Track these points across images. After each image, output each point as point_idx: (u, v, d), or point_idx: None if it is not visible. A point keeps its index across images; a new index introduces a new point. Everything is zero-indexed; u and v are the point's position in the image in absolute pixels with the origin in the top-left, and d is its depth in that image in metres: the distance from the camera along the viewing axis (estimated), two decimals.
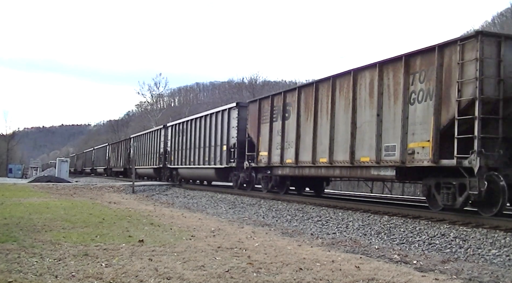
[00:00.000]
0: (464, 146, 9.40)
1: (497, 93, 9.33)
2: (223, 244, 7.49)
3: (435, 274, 5.96)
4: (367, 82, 12.29)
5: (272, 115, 17.04)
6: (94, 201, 16.37)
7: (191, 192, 22.49)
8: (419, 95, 10.54)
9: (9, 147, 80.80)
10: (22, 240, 7.27)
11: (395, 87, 11.30)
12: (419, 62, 10.70)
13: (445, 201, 10.13)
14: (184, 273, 5.40)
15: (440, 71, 10.06)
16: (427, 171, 10.73)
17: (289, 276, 5.43)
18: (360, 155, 12.31)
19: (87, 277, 5.09)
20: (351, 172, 13.14)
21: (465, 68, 9.54)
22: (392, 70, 11.45)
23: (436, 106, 10.05)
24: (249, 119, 18.87)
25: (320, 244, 8.28)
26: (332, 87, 13.62)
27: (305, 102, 15.07)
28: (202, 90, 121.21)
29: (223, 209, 15.31)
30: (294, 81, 76.03)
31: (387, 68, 11.64)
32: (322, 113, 14.11)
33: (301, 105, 15.23)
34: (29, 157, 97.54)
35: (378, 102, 11.71)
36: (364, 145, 12.18)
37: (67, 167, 41.85)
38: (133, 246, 7.06)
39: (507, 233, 8.31)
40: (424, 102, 10.39)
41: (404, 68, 10.98)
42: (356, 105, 12.57)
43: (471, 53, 9.43)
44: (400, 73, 11.10)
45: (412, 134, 10.63)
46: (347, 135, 12.79)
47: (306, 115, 14.97)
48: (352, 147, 12.55)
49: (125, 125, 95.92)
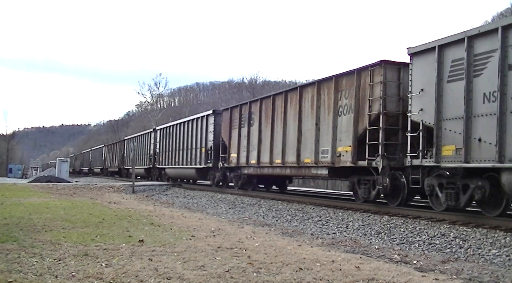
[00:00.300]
0: (374, 150, 11.90)
1: (398, 109, 11.79)
2: (223, 244, 7.49)
3: (435, 274, 5.96)
4: (309, 96, 14.87)
5: (240, 122, 19.78)
6: (94, 201, 16.37)
7: (191, 192, 22.49)
8: (344, 109, 13.11)
9: (9, 147, 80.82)
10: (22, 240, 7.27)
11: (328, 101, 13.84)
12: (345, 82, 13.23)
13: (364, 195, 12.81)
14: (184, 273, 5.40)
15: (358, 90, 12.60)
16: (351, 170, 13.24)
17: (289, 276, 5.43)
18: (304, 157, 14.91)
19: (87, 277, 5.09)
20: (298, 171, 15.84)
21: (373, 88, 12.05)
22: (327, 87, 14.00)
23: (355, 118, 12.61)
24: (223, 125, 21.69)
25: (320, 244, 8.28)
26: (285, 99, 16.28)
27: (265, 112, 17.79)
28: (202, 90, 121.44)
29: (223, 209, 15.31)
30: (294, 81, 76.09)
31: (323, 86, 14.20)
32: (278, 121, 16.79)
33: (262, 114, 17.97)
34: (29, 157, 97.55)
35: (317, 114, 14.27)
36: (307, 149, 14.72)
37: (67, 167, 41.85)
38: (133, 246, 7.06)
39: (507, 233, 8.31)
40: (347, 115, 12.94)
41: (334, 87, 13.50)
42: (301, 116, 15.15)
43: (378, 77, 11.91)
44: (332, 91, 13.61)
45: (339, 140, 13.18)
46: (295, 140, 15.37)
47: (266, 122, 17.70)
48: (298, 151, 15.14)
49: (125, 125, 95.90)
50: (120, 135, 70.27)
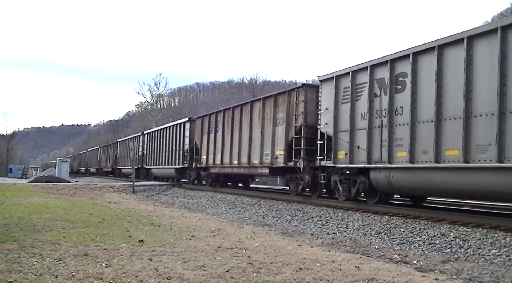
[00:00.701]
0: (298, 154, 15.21)
1: (316, 122, 14.75)
2: (223, 244, 7.49)
3: (435, 274, 5.96)
4: (258, 109, 18.39)
5: (209, 128, 23.31)
6: (94, 201, 16.37)
7: (191, 192, 22.50)
8: (280, 121, 16.60)
9: (9, 147, 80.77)
10: (22, 240, 7.27)
11: (270, 114, 17.38)
12: (281, 99, 16.77)
13: (294, 189, 16.32)
14: (184, 273, 5.40)
15: (288, 106, 16.05)
16: (285, 170, 16.54)
17: (289, 276, 5.43)
18: (253, 159, 18.42)
19: (87, 277, 5.09)
20: (249, 170, 19.33)
21: (298, 105, 15.53)
22: (269, 103, 17.54)
23: (286, 128, 16.12)
24: (196, 131, 25.28)
25: (320, 244, 8.28)
26: (241, 111, 19.86)
27: (227, 120, 21.24)
28: (202, 90, 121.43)
29: (223, 209, 15.31)
30: (294, 81, 76.02)
31: (266, 101, 17.86)
32: (236, 128, 20.18)
33: (225, 122, 21.47)
34: (29, 157, 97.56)
35: (262, 124, 17.90)
36: (255, 152, 18.22)
37: (67, 167, 41.79)
38: (133, 246, 7.06)
39: (507, 233, 8.31)
40: (282, 125, 16.42)
41: (274, 102, 17.18)
42: (252, 125, 18.74)
43: (301, 96, 15.37)
44: (272, 105, 17.25)
45: (276, 145, 16.77)
46: (247, 145, 18.85)
47: (227, 129, 21.07)
48: (249, 154, 18.69)
49: (125, 125, 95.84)
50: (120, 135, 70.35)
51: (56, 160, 45.09)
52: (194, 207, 16.11)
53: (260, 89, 56.64)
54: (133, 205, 15.12)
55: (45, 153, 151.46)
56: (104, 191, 22.80)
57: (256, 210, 14.70)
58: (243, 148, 19.15)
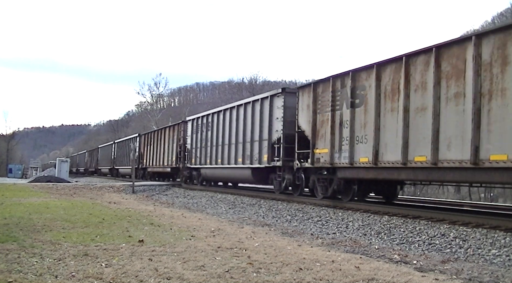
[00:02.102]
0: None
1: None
2: (223, 244, 7.49)
3: (435, 274, 5.96)
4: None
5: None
6: (94, 201, 16.37)
7: (191, 192, 22.50)
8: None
9: (9, 147, 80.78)
10: (22, 240, 7.27)
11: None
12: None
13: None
14: (184, 273, 5.40)
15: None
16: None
17: (289, 276, 5.43)
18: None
19: (87, 277, 5.09)
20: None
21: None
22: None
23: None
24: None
25: (320, 244, 8.28)
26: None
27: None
28: (202, 90, 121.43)
29: (223, 209, 15.31)
30: (294, 81, 76.13)
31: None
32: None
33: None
34: (29, 157, 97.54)
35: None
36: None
37: (67, 167, 41.82)
38: (133, 246, 7.06)
39: (507, 233, 8.31)
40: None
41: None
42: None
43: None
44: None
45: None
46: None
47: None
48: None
49: (125, 125, 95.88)
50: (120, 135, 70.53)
51: (56, 160, 45.11)
52: (194, 207, 16.12)
53: (260, 89, 56.61)
54: (133, 205, 15.12)
55: (45, 153, 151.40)
56: (104, 191, 22.80)
57: (256, 210, 14.70)
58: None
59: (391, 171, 11.27)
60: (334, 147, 13.19)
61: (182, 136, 27.16)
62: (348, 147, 12.58)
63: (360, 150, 12.18)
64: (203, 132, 23.38)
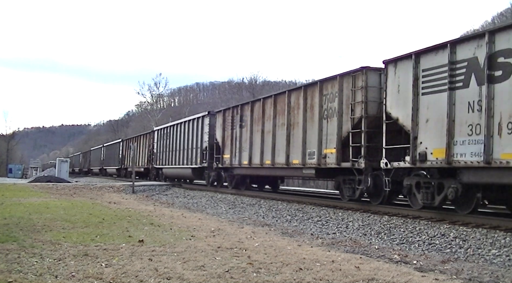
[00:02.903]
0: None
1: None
2: (223, 244, 7.49)
3: (435, 274, 5.96)
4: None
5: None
6: (94, 201, 16.37)
7: (191, 192, 22.51)
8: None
9: (9, 147, 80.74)
10: (22, 240, 7.27)
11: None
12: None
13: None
14: (184, 273, 5.40)
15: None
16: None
17: (289, 276, 5.43)
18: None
19: (87, 277, 5.09)
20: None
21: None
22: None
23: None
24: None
25: (320, 244, 8.28)
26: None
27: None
28: (202, 90, 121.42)
29: (223, 209, 15.31)
30: (294, 81, 76.18)
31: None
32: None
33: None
34: (29, 157, 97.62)
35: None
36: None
37: (67, 167, 41.76)
38: (133, 246, 7.06)
39: (507, 233, 8.31)
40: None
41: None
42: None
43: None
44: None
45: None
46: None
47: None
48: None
49: (125, 125, 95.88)
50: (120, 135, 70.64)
51: (56, 160, 45.09)
52: (194, 207, 16.12)
53: (260, 89, 56.69)
54: (133, 205, 15.12)
55: (45, 153, 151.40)
56: (104, 191, 22.80)
57: (256, 210, 14.70)
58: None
59: (256, 169, 18.49)
60: (232, 153, 20.00)
61: (151, 143, 33.51)
62: (238, 153, 19.40)
63: (243, 156, 19.08)
64: (164, 140, 29.35)
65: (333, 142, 13.36)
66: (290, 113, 15.66)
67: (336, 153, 13.14)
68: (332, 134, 13.43)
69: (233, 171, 20.58)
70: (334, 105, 13.44)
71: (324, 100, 13.94)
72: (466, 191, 9.73)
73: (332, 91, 13.62)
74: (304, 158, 14.70)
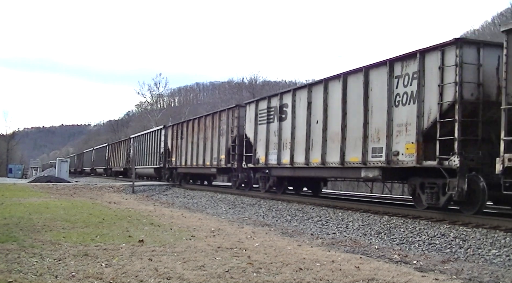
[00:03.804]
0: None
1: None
2: (223, 244, 7.49)
3: (435, 274, 5.96)
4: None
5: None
6: (94, 201, 16.37)
7: (191, 192, 22.50)
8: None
9: (9, 147, 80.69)
10: (22, 240, 7.27)
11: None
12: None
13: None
14: (184, 273, 5.40)
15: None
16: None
17: (289, 276, 5.43)
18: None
19: (87, 277, 5.09)
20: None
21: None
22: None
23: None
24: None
25: (320, 244, 8.28)
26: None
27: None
28: (202, 90, 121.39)
29: (223, 209, 15.31)
30: (294, 81, 76.22)
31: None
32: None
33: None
34: (29, 157, 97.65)
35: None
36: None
37: (67, 167, 41.74)
38: (133, 246, 7.06)
39: (507, 233, 8.31)
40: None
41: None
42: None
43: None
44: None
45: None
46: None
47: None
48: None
49: (125, 125, 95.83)
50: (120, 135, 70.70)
51: (56, 160, 45.08)
52: (194, 207, 16.12)
53: (260, 89, 56.64)
54: (133, 205, 15.12)
55: (45, 153, 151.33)
56: (104, 191, 22.80)
57: (256, 210, 14.69)
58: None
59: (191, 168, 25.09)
60: (177, 156, 27.50)
61: (128, 147, 37.83)
62: (184, 156, 26.12)
63: (187, 158, 25.68)
64: (137, 145, 31.87)
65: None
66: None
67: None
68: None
69: (177, 170, 27.61)
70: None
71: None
72: (278, 180, 17.18)
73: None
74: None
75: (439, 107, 9.87)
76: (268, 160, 16.99)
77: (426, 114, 10.25)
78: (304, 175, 15.89)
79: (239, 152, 19.89)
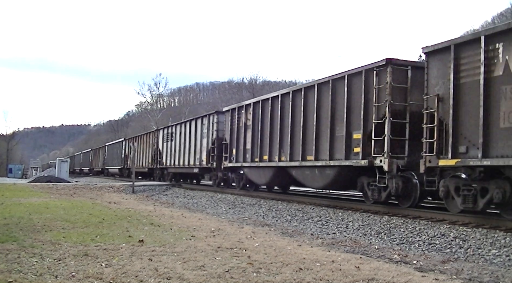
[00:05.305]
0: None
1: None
2: (223, 244, 7.49)
3: (435, 274, 5.96)
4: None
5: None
6: (94, 201, 16.36)
7: (191, 192, 22.50)
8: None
9: (9, 147, 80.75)
10: (22, 240, 7.27)
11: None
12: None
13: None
14: (184, 273, 5.40)
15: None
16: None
17: (289, 276, 5.43)
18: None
19: (87, 277, 5.09)
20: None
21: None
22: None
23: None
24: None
25: (320, 244, 8.28)
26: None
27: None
28: (202, 90, 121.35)
29: (223, 209, 15.31)
30: (294, 81, 76.13)
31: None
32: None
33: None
34: (29, 157, 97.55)
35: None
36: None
37: (67, 167, 41.73)
38: (133, 246, 7.06)
39: (507, 233, 8.31)
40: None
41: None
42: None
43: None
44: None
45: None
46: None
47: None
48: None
49: (125, 125, 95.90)
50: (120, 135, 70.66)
51: (56, 160, 45.08)
52: (194, 207, 16.12)
53: (260, 89, 56.63)
54: (133, 205, 15.11)
55: (45, 153, 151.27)
56: (104, 191, 22.80)
57: (256, 210, 14.70)
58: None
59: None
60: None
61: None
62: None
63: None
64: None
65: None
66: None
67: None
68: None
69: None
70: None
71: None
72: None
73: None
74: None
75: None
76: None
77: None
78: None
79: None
